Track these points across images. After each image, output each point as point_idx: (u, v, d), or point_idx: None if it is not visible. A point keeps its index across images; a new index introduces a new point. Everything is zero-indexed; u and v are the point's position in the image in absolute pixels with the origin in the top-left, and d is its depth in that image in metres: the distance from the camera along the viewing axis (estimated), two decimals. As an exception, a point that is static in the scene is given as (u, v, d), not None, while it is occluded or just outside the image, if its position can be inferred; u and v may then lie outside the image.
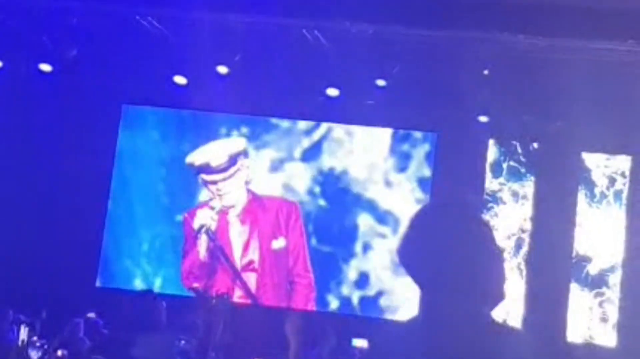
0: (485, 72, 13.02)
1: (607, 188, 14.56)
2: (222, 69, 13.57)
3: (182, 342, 8.30)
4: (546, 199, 14.12)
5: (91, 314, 11.45)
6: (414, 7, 11.72)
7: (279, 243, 14.07)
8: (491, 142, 14.62)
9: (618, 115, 13.08)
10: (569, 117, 13.30)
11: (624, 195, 14.35)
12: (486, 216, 14.33)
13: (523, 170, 14.64)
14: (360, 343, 10.56)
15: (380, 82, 13.56)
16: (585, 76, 12.41)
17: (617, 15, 11.19)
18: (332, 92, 13.85)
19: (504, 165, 14.75)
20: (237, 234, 14.11)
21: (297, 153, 14.75)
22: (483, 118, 13.90)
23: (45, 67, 13.79)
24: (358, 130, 14.93)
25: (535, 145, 14.44)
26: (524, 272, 14.22)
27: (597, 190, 14.47)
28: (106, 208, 14.86)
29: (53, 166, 14.14)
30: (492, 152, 14.68)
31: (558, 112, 13.40)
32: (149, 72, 13.90)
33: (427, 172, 14.72)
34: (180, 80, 13.95)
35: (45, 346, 9.76)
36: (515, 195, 14.58)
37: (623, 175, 14.44)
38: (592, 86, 12.59)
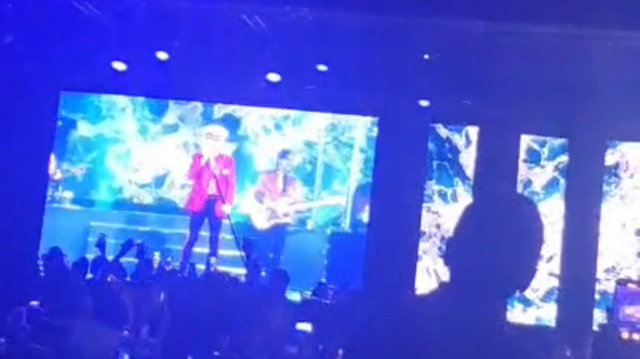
0: (426, 56, 13.06)
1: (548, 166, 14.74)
2: (162, 55, 13.46)
3: (125, 332, 8.23)
4: (488, 183, 14.21)
5: (34, 303, 11.31)
6: (354, -8, 11.72)
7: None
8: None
9: (556, 99, 13.20)
10: (509, 100, 13.39)
11: (561, 181, 14.54)
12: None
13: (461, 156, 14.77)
14: (304, 326, 10.56)
15: (321, 67, 13.55)
16: (525, 60, 12.50)
17: (555, -1, 11.28)
18: (273, 77, 13.80)
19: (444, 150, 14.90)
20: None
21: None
22: (424, 103, 13.94)
23: (-19, 54, 13.58)
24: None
25: (476, 128, 14.54)
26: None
27: (536, 171, 14.64)
28: (45, 195, 14.71)
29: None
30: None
31: (498, 96, 13.48)
32: (87, 58, 13.72)
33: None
34: (119, 66, 13.80)
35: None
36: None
37: (561, 157, 14.63)
38: (531, 70, 12.70)
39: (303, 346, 9.03)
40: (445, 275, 2.87)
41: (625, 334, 9.45)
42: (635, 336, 9.52)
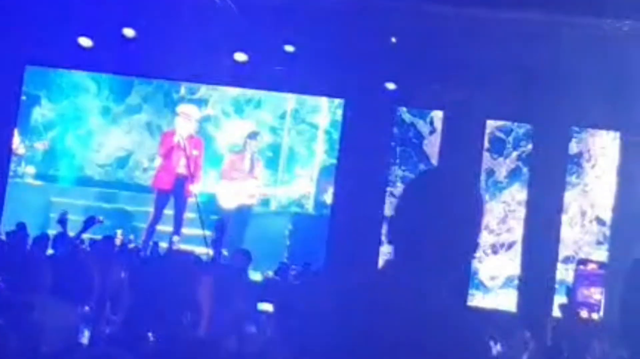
0: (393, 39, 13.08)
1: (512, 155, 14.84)
2: (129, 32, 13.39)
3: (86, 308, 8.20)
4: (452, 167, 14.27)
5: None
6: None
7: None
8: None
9: (522, 85, 13.26)
10: (474, 85, 13.44)
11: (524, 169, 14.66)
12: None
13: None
14: (265, 306, 10.58)
15: (289, 48, 13.54)
16: (490, 44, 12.56)
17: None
18: (240, 57, 13.77)
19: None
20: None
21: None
22: (390, 85, 13.97)
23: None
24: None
25: (441, 113, 14.60)
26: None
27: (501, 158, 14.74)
28: (8, 170, 14.62)
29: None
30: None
31: (463, 80, 13.53)
32: (53, 33, 13.61)
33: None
34: (85, 42, 13.70)
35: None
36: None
37: (525, 141, 14.73)
38: (497, 55, 12.76)
39: (263, 326, 9.05)
40: (390, 253, 2.91)
41: (584, 314, 9.55)
42: (594, 316, 9.64)
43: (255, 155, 16.36)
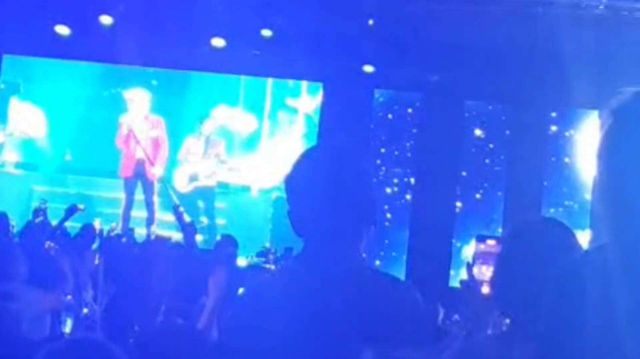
0: (370, 22, 13.11)
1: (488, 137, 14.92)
2: (106, 19, 13.37)
3: (68, 297, 8.24)
4: (429, 149, 14.34)
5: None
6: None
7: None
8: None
9: (500, 65, 13.32)
10: (452, 66, 13.49)
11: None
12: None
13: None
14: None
15: (266, 33, 13.55)
16: (468, 26, 12.61)
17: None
18: (218, 42, 13.77)
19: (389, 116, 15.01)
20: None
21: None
22: (368, 68, 14.01)
23: None
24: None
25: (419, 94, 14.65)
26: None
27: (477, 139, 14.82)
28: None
29: None
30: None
31: (441, 62, 13.58)
32: (30, 22, 13.58)
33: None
34: (62, 30, 13.68)
35: None
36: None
37: (503, 122, 14.81)
38: (475, 36, 12.81)
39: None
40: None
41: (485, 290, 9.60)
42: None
43: (212, 136, 16.32)
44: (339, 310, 2.79)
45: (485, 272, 10.29)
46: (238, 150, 16.51)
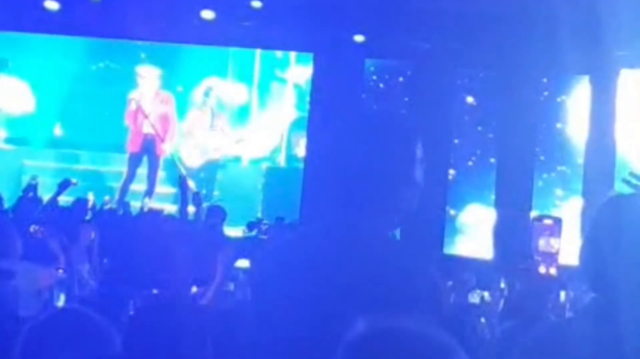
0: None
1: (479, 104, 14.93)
2: (94, -7, 13.32)
3: (60, 271, 8.24)
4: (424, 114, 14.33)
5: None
6: None
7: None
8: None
9: (491, 33, 13.29)
10: (443, 34, 13.46)
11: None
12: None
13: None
14: (242, 263, 10.63)
15: (256, 4, 13.50)
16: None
17: None
18: (207, 14, 13.72)
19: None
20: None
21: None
22: (359, 38, 13.97)
23: None
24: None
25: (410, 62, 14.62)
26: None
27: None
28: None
29: None
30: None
31: (432, 30, 13.54)
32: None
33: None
34: (51, 5, 13.61)
35: None
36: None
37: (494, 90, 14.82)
38: (464, 3, 12.77)
39: (240, 283, 9.11)
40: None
41: (542, 269, 9.69)
42: (552, 271, 9.77)
43: (216, 109, 16.35)
44: (354, 274, 2.81)
45: (547, 249, 10.37)
46: (232, 121, 16.56)
